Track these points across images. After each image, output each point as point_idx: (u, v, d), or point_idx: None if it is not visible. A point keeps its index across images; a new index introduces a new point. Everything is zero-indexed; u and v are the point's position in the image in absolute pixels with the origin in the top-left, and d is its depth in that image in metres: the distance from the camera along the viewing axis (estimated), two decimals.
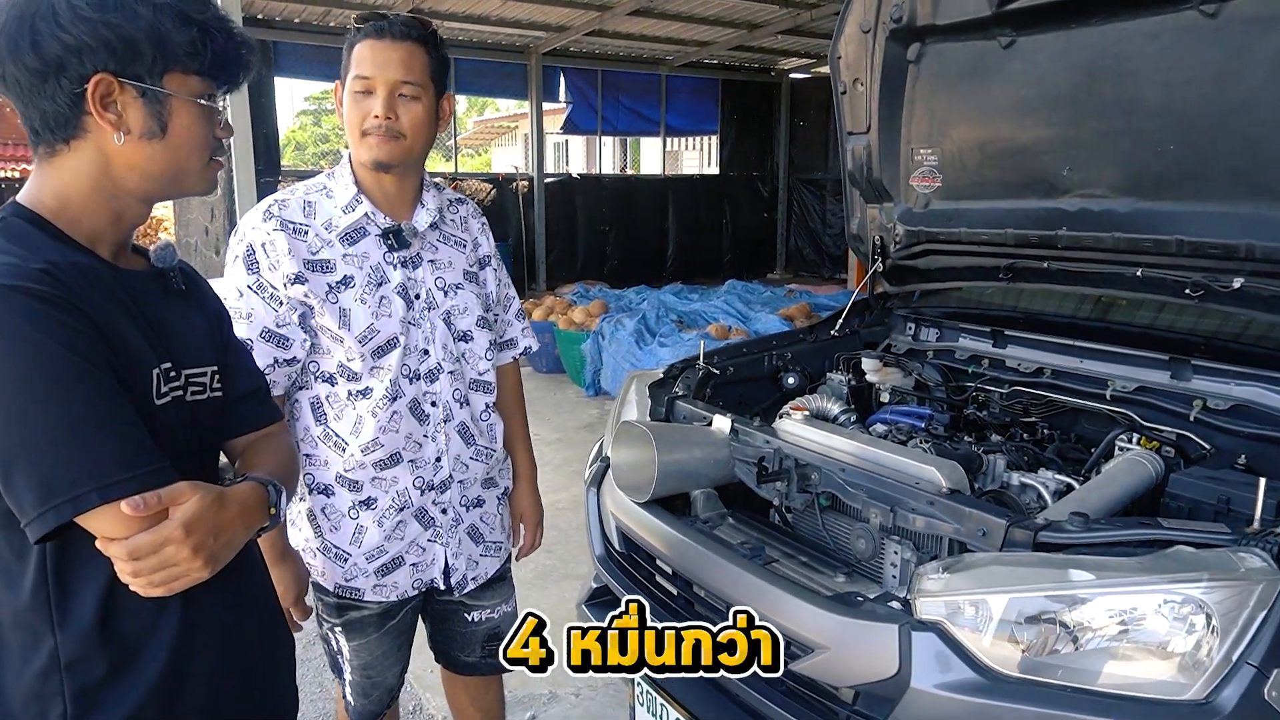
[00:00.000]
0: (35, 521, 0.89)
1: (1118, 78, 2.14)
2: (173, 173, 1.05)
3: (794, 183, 14.25)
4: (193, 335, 1.12)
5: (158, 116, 1.01)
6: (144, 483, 0.91)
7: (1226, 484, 1.70)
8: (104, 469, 0.90)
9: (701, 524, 1.95)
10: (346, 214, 1.63)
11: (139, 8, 0.96)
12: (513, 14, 9.97)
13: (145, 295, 1.06)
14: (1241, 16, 1.88)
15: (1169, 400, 2.12)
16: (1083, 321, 2.51)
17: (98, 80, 0.96)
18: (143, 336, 1.01)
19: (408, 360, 1.66)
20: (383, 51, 1.54)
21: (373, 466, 1.67)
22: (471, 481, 1.80)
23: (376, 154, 1.58)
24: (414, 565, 1.75)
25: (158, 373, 1.02)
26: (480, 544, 1.84)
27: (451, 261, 1.75)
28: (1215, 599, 1.24)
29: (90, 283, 0.97)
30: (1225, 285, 2.03)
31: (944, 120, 2.61)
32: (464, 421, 1.75)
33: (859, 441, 1.85)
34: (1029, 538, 1.42)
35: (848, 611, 1.49)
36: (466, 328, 1.76)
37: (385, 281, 1.64)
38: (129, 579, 0.93)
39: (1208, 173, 2.03)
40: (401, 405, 1.66)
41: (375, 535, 1.69)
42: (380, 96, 1.55)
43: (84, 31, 0.94)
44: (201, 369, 1.11)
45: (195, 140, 1.05)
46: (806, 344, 2.88)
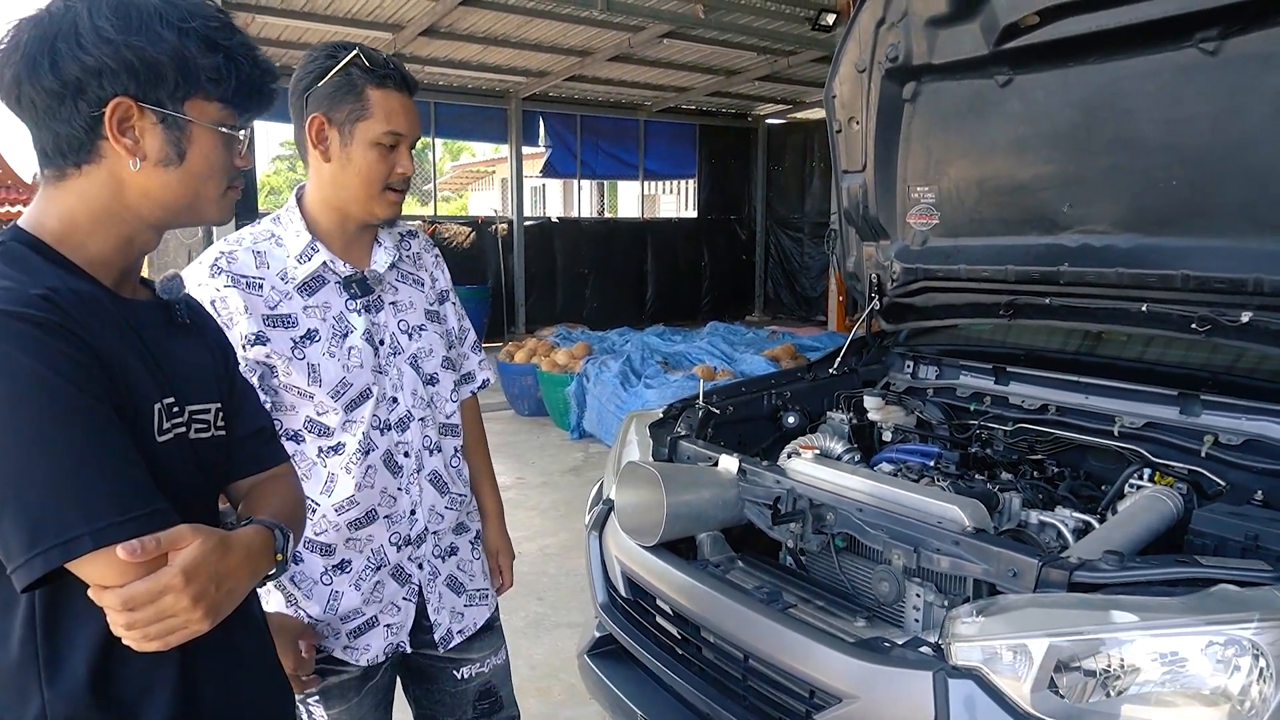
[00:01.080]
0: (22, 567, 0.81)
1: (1117, 115, 2.15)
2: (188, 201, 1.00)
3: (771, 226, 14.40)
4: (197, 370, 1.06)
5: (176, 143, 0.96)
6: (141, 525, 0.84)
7: (1252, 520, 1.67)
8: (98, 510, 0.82)
9: (713, 568, 1.88)
10: (302, 264, 1.52)
11: (164, 31, 0.92)
12: (493, 59, 10.06)
13: (149, 326, 1.00)
14: (1242, 54, 1.90)
15: (1179, 436, 2.10)
16: (1086, 357, 2.49)
17: (116, 104, 0.92)
18: (145, 369, 0.95)
19: (377, 410, 1.56)
20: (411, 108, 1.49)
21: (347, 527, 1.55)
22: (445, 531, 1.69)
23: (393, 212, 1.53)
24: (388, 626, 1.62)
25: (160, 408, 0.95)
26: (462, 594, 1.72)
27: (413, 302, 1.65)
28: (1268, 640, 1.19)
29: (92, 311, 0.91)
30: (1233, 319, 2.02)
31: (941, 158, 2.61)
32: (436, 470, 1.65)
33: (875, 480, 1.80)
34: (1064, 578, 1.37)
35: (878, 658, 1.43)
36: (433, 370, 1.66)
37: (350, 331, 1.54)
38: (122, 631, 0.85)
39: (1212, 208, 2.03)
40: (375, 458, 1.56)
41: (353, 599, 1.57)
42: (404, 153, 1.50)
43: (106, 53, 0.90)
44: (205, 405, 1.04)
45: (213, 168, 1.00)
46: (805, 383, 2.84)
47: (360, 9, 8.13)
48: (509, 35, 9.29)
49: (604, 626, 2.12)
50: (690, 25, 8.77)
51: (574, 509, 5.11)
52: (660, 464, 2.07)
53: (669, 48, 9.92)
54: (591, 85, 11.61)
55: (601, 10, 7.97)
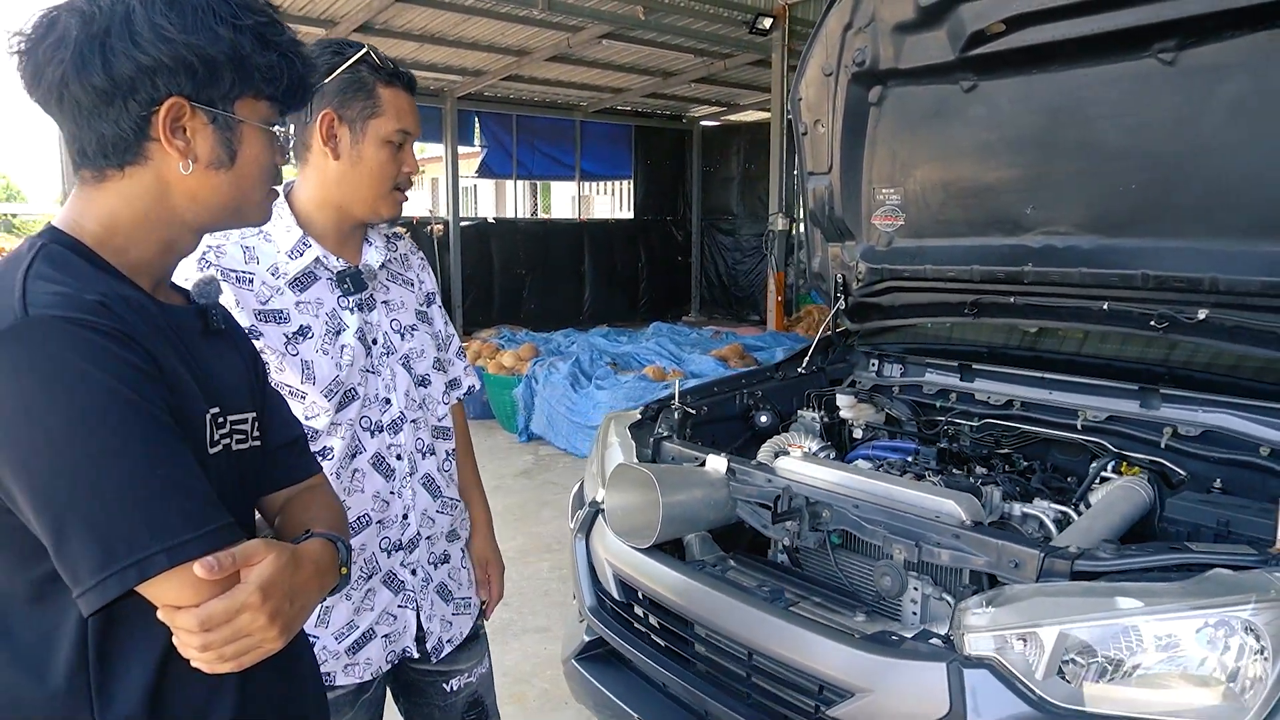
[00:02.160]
0: (93, 590, 0.76)
1: (1079, 121, 2.24)
2: (236, 204, 0.96)
3: (706, 227, 14.54)
4: (234, 378, 1.01)
5: (227, 144, 0.92)
6: (214, 541, 0.80)
7: (1221, 507, 1.76)
8: (171, 527, 0.78)
9: (710, 568, 1.89)
10: (294, 259, 1.49)
11: (220, 29, 0.88)
12: (429, 58, 9.90)
13: (189, 333, 0.96)
14: (1198, 65, 2.00)
15: (1140, 428, 2.20)
16: (1048, 354, 2.59)
17: (170, 104, 0.87)
18: (193, 378, 0.91)
19: (367, 412, 1.53)
20: (415, 106, 1.49)
21: None
22: (438, 536, 1.66)
23: (397, 210, 1.52)
24: (386, 637, 1.58)
25: (209, 418, 0.92)
26: (450, 602, 1.69)
27: (404, 302, 1.64)
28: (1264, 620, 1.25)
29: (142, 317, 0.86)
30: (1190, 317, 2.12)
31: (906, 161, 2.68)
32: (429, 473, 1.62)
33: (868, 477, 1.84)
34: (1066, 567, 1.42)
35: (889, 651, 1.46)
36: (425, 371, 1.64)
37: (343, 329, 1.51)
38: (196, 653, 0.80)
39: (1170, 210, 2.13)
40: (363, 462, 1.53)
41: (344, 611, 1.53)
42: (410, 151, 1.49)
43: (164, 52, 0.85)
44: (243, 415, 1.00)
45: (262, 170, 0.97)
46: (775, 382, 2.88)
47: (291, 3, 7.89)
48: (445, 33, 9.16)
49: (593, 630, 2.10)
50: (630, 26, 8.79)
51: (528, 512, 5.07)
52: (652, 465, 2.07)
53: (607, 49, 9.92)
54: (528, 85, 11.53)
55: (541, 10, 7.93)
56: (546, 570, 4.17)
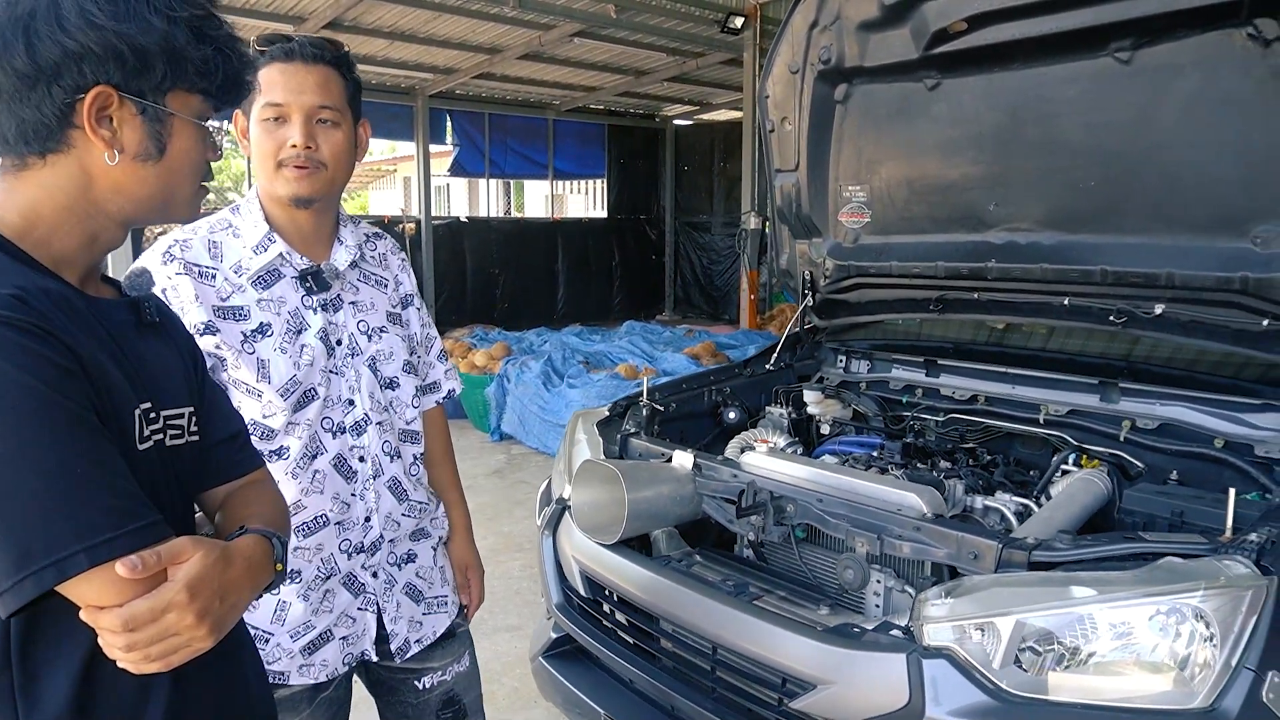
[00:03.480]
0: (9, 591, 0.75)
1: (1040, 118, 2.27)
2: (162, 198, 0.94)
3: (680, 226, 14.56)
4: (169, 372, 0.99)
5: (156, 137, 0.90)
6: (138, 539, 0.79)
7: (1177, 498, 1.79)
8: (92, 525, 0.77)
9: (675, 563, 1.90)
10: (258, 255, 1.47)
11: (153, 19, 0.86)
12: (399, 55, 9.83)
13: (119, 327, 0.93)
14: (1152, 64, 2.03)
15: (1099, 422, 2.24)
16: (1011, 349, 2.62)
17: (97, 93, 0.85)
18: (122, 373, 0.89)
19: (329, 413, 1.51)
20: (296, 76, 1.41)
21: (295, 533, 1.49)
22: (401, 538, 1.64)
23: (296, 189, 1.44)
24: (344, 639, 1.56)
25: (139, 413, 0.89)
26: (421, 602, 1.67)
27: (374, 303, 1.60)
28: (1212, 606, 1.28)
29: (64, 311, 0.84)
30: (1148, 312, 2.16)
31: (872, 158, 2.70)
32: (395, 476, 1.60)
33: (832, 471, 1.85)
34: (1024, 558, 1.44)
35: (850, 643, 1.47)
36: (393, 374, 1.61)
37: (305, 328, 1.49)
38: (121, 654, 0.79)
39: (1128, 207, 2.17)
40: (324, 463, 1.50)
41: (300, 610, 1.51)
42: (297, 124, 1.41)
43: (93, 39, 0.83)
44: (179, 410, 0.98)
45: (192, 164, 0.95)
46: (743, 379, 2.89)
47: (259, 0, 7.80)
48: (416, 31, 9.09)
49: (560, 627, 2.10)
50: (601, 25, 8.78)
51: (500, 511, 5.05)
52: (617, 461, 2.07)
53: (579, 47, 9.90)
54: (500, 83, 11.48)
55: (513, 8, 7.90)
56: (518, 569, 4.16)
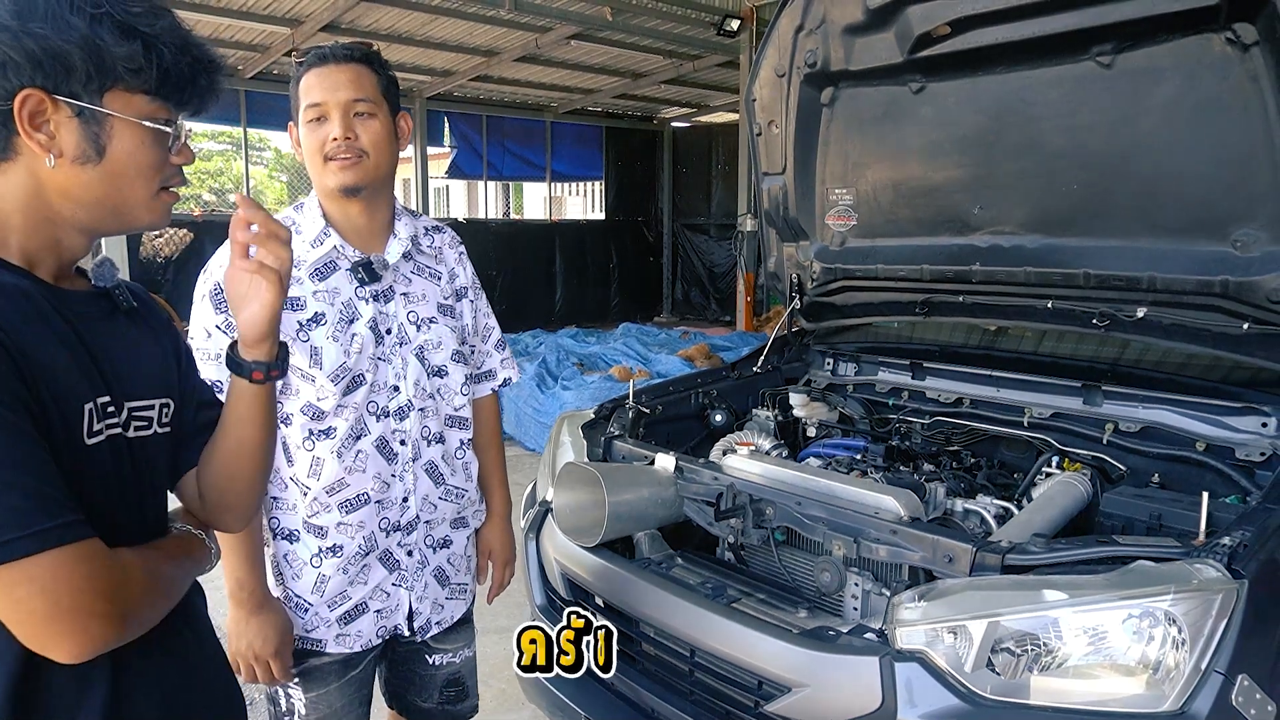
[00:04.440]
0: None
1: (1023, 122, 2.28)
2: (112, 202, 0.93)
3: (678, 228, 14.56)
4: (140, 364, 1.00)
5: (94, 139, 0.89)
6: (47, 539, 0.79)
7: (1155, 501, 1.80)
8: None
9: (655, 566, 1.90)
10: (315, 248, 1.56)
11: (73, 18, 0.85)
12: (396, 57, 9.82)
13: (87, 319, 0.94)
14: (1133, 68, 2.04)
15: (1083, 425, 2.24)
16: (996, 352, 2.62)
17: (25, 96, 0.85)
18: (77, 367, 0.89)
19: (375, 397, 1.59)
20: (329, 76, 1.51)
21: (338, 509, 1.58)
22: (439, 522, 1.72)
23: (342, 179, 1.52)
24: (378, 612, 1.66)
25: (91, 408, 0.90)
26: (446, 586, 1.76)
27: (425, 294, 1.68)
28: (1182, 610, 1.28)
29: (18, 308, 0.85)
30: (1130, 315, 2.17)
31: (858, 161, 2.70)
32: (433, 460, 1.68)
33: (811, 474, 1.85)
34: (997, 561, 1.45)
35: (824, 647, 1.47)
36: (441, 362, 1.69)
37: (356, 317, 1.58)
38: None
39: (1110, 210, 2.17)
40: (367, 444, 1.59)
41: (338, 582, 1.61)
42: (336, 119, 1.51)
43: (4, 41, 0.84)
44: (148, 401, 0.99)
45: (139, 166, 0.93)
46: (730, 381, 2.89)
47: (256, 3, 7.82)
48: (413, 33, 9.10)
49: None
50: (598, 27, 8.79)
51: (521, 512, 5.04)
52: (599, 464, 2.07)
53: (576, 49, 9.91)
54: (497, 86, 11.49)
55: (509, 10, 7.91)
56: None
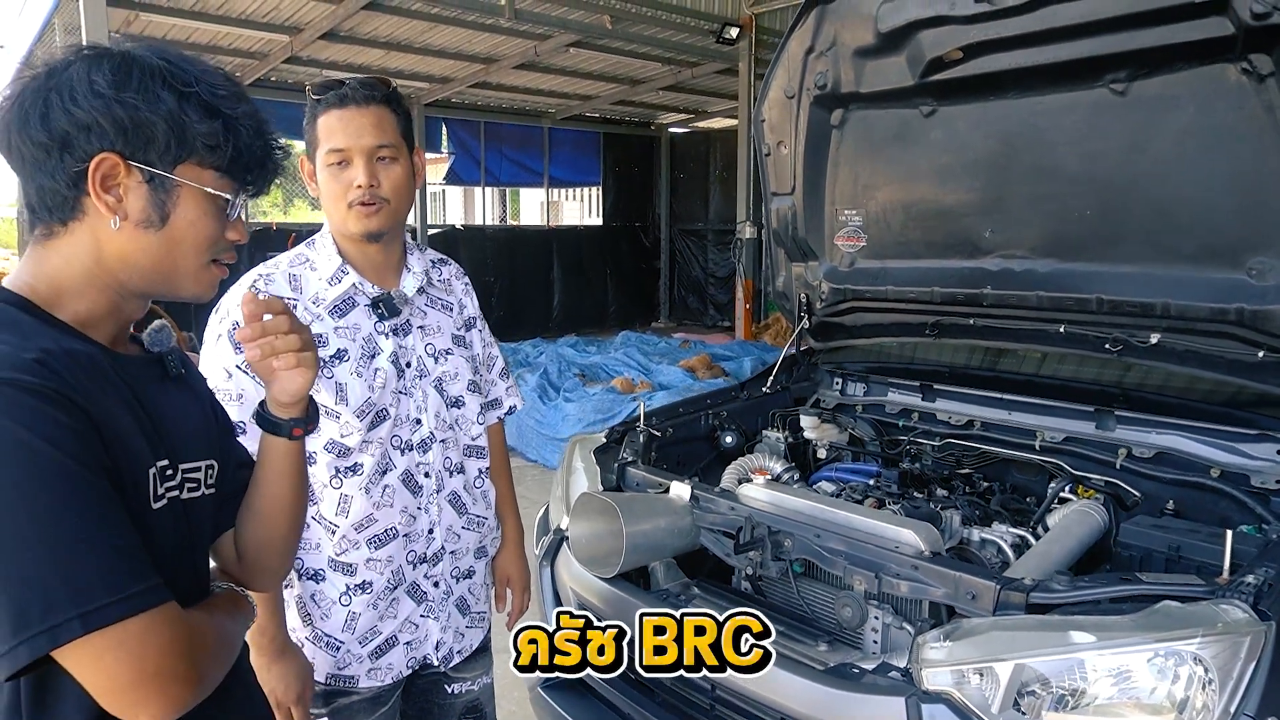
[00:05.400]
0: (6, 656, 0.76)
1: (1035, 147, 2.28)
2: (166, 269, 0.95)
3: (676, 233, 14.57)
4: (190, 426, 1.02)
5: (160, 205, 0.92)
6: (134, 604, 0.80)
7: (1173, 532, 1.80)
8: (89, 592, 0.78)
9: (672, 597, 1.89)
10: (333, 286, 1.57)
11: (163, 93, 0.90)
12: (395, 64, 9.82)
13: (144, 384, 0.96)
14: (1147, 96, 2.04)
15: (1095, 449, 2.24)
16: (1007, 374, 2.62)
17: (101, 159, 0.88)
18: (141, 432, 0.91)
19: (399, 431, 1.60)
20: (353, 120, 1.50)
21: (367, 545, 1.59)
22: (464, 552, 1.73)
23: (366, 225, 1.53)
24: (408, 644, 1.66)
25: (154, 472, 0.91)
26: (467, 615, 1.77)
27: (440, 326, 1.70)
28: (1210, 653, 1.28)
29: (88, 373, 0.86)
30: (1143, 340, 2.17)
31: (868, 183, 2.70)
32: (455, 491, 1.70)
33: (828, 505, 1.85)
34: (1022, 600, 1.44)
35: (850, 685, 1.47)
36: (458, 393, 1.71)
37: (378, 352, 1.58)
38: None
39: (1123, 236, 2.18)
40: (393, 478, 1.59)
41: (369, 618, 1.61)
42: (360, 166, 1.50)
43: (97, 108, 0.88)
44: (197, 463, 1.00)
45: (197, 235, 0.95)
46: (740, 402, 2.89)
47: (256, 10, 7.80)
48: (412, 41, 9.09)
49: None
50: (597, 35, 8.79)
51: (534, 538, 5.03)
52: (615, 494, 2.06)
53: (575, 56, 9.91)
54: (496, 92, 11.49)
55: (508, 18, 7.90)
56: None
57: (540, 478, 5.92)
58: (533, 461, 6.29)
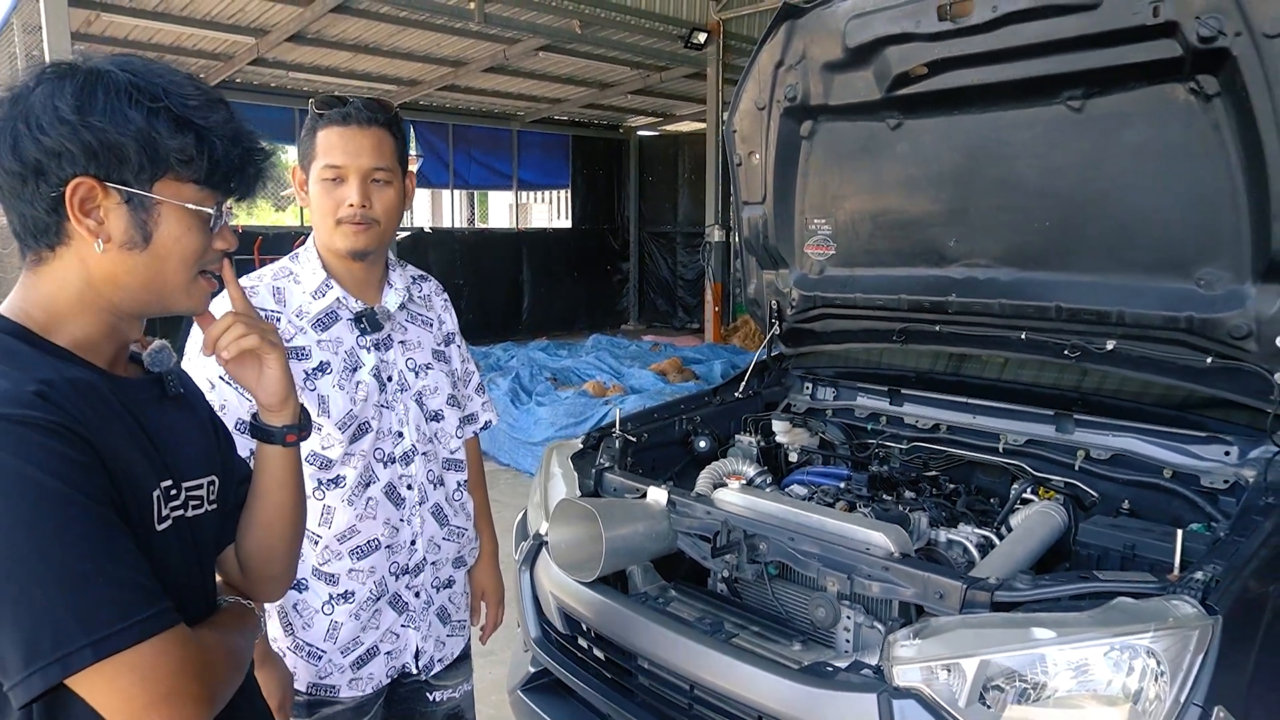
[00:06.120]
0: (19, 685, 0.78)
1: (997, 160, 2.37)
2: (156, 287, 0.95)
3: (644, 236, 14.64)
4: (191, 444, 1.02)
5: (141, 225, 0.91)
6: (146, 628, 0.82)
7: (1128, 531, 1.88)
8: (99, 619, 0.79)
9: (652, 600, 1.94)
10: (316, 299, 1.59)
11: (130, 111, 0.88)
12: (363, 67, 9.78)
13: (143, 405, 0.96)
14: (1102, 113, 2.13)
15: (1055, 452, 2.33)
16: (971, 379, 2.71)
17: (76, 184, 0.88)
18: (143, 455, 0.92)
19: (381, 444, 1.63)
20: (353, 139, 1.53)
21: (349, 556, 1.61)
22: (444, 562, 1.76)
23: (353, 243, 1.56)
24: (388, 654, 1.69)
25: (158, 494, 0.92)
26: (447, 624, 1.80)
27: (420, 341, 1.73)
28: (1162, 646, 1.35)
29: (89, 402, 0.87)
30: (1099, 347, 2.26)
31: (836, 193, 2.77)
32: (438, 502, 1.73)
33: (801, 509, 1.91)
34: (987, 598, 1.51)
35: (823, 683, 1.52)
36: (438, 407, 1.74)
37: (360, 366, 1.61)
38: None
39: (1081, 247, 2.27)
40: (376, 490, 1.62)
41: (351, 628, 1.63)
42: (354, 185, 1.53)
43: (64, 134, 0.86)
44: (199, 480, 1.01)
45: (183, 252, 0.95)
46: (713, 407, 2.94)
47: (221, 11, 7.72)
48: (381, 43, 9.06)
49: (538, 661, 2.13)
50: (567, 40, 8.82)
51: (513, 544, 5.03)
52: (593, 500, 2.10)
53: (544, 60, 9.94)
54: (465, 95, 11.47)
55: (477, 22, 7.91)
56: None
57: (513, 482, 5.94)
58: (505, 465, 6.30)
